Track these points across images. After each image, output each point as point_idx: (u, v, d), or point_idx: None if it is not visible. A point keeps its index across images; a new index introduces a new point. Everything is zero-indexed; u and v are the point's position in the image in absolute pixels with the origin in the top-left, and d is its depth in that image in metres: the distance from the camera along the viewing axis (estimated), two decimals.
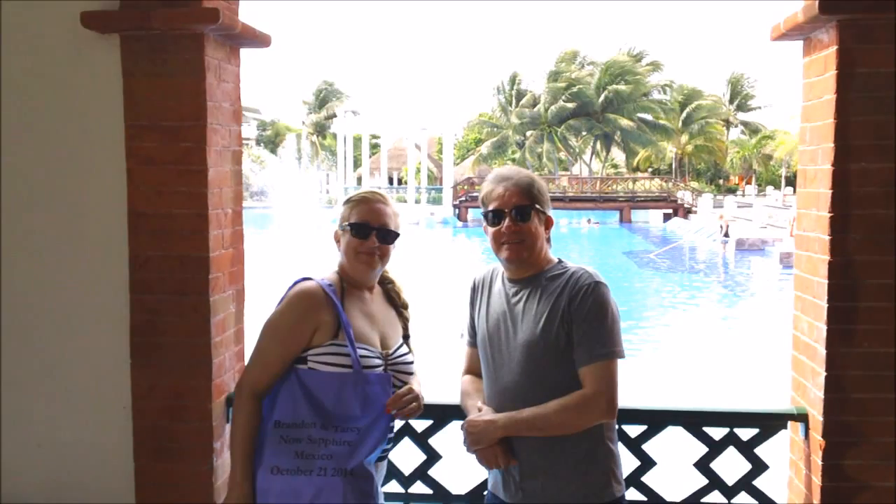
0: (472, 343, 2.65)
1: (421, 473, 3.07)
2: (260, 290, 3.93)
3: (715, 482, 2.96)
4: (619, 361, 2.38)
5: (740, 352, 13.19)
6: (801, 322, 2.88)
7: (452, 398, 2.75)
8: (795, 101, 2.97)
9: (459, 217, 42.31)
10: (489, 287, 2.60)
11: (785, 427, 2.93)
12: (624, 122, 51.68)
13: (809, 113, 2.83)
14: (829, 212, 2.65)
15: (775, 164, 59.85)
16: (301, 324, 2.46)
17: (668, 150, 58.91)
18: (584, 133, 54.90)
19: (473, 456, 2.48)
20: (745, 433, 2.94)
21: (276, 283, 3.00)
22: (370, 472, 2.45)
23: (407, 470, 3.06)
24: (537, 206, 2.47)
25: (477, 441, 2.44)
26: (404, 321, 2.73)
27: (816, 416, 2.75)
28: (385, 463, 2.65)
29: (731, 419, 2.96)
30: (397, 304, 2.72)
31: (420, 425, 2.99)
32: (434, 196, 46.43)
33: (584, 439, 2.39)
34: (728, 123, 62.71)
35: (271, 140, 66.98)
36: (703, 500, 2.97)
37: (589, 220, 42.28)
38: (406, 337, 2.71)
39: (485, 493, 2.66)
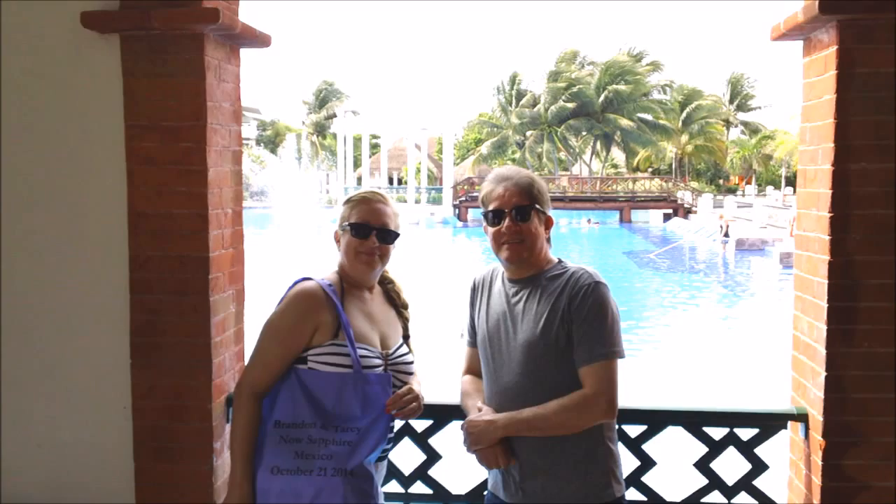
0: (472, 343, 2.65)
1: (421, 473, 3.07)
2: (260, 290, 3.93)
3: (715, 482, 2.96)
4: (620, 361, 2.38)
5: (740, 352, 13.18)
6: (801, 322, 2.88)
7: (452, 398, 2.75)
8: (795, 101, 2.97)
9: (459, 217, 42.26)
10: (489, 287, 2.60)
11: (785, 427, 2.93)
12: (624, 122, 51.64)
13: (809, 113, 2.83)
14: (829, 212, 2.65)
15: (775, 164, 59.82)
16: (301, 324, 2.46)
17: (668, 150, 58.87)
18: (584, 133, 54.87)
19: (473, 456, 2.48)
20: (745, 433, 2.94)
21: (276, 283, 3.01)
22: (370, 472, 2.45)
23: (407, 470, 3.06)
24: (537, 206, 2.47)
25: (477, 441, 2.44)
26: (404, 321, 2.73)
27: (816, 416, 2.75)
28: (385, 463, 2.65)
29: (731, 419, 2.96)
30: (397, 304, 2.72)
31: (420, 425, 2.99)
32: (434, 196, 46.39)
33: (584, 439, 2.39)
34: (728, 123, 62.68)
35: (271, 140, 66.93)
36: (703, 500, 2.97)
37: (589, 220, 42.22)
38: (406, 337, 2.71)
39: (485, 493, 2.66)
